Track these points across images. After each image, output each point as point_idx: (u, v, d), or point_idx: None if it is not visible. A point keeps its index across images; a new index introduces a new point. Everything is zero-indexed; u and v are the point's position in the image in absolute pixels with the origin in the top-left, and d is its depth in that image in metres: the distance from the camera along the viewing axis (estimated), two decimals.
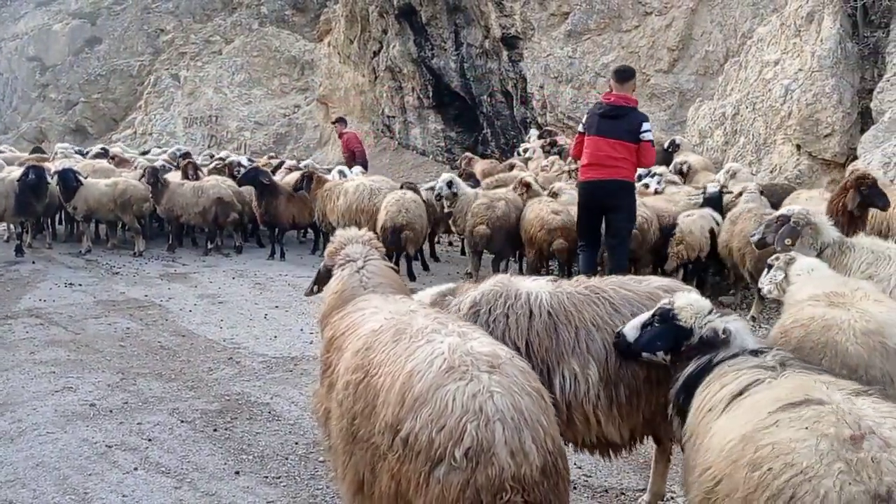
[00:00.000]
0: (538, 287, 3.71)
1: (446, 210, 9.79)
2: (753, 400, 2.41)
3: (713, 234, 8.21)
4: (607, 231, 7.54)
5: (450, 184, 9.58)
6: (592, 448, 3.60)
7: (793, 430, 2.06)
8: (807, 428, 2.04)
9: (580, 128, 7.83)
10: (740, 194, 8.36)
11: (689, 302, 3.08)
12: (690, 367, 2.90)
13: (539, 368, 3.48)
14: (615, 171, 7.31)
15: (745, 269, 7.41)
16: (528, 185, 9.71)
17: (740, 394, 2.52)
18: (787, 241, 5.12)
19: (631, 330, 3.20)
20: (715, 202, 8.68)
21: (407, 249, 9.80)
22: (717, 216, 8.40)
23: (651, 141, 7.42)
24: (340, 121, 16.56)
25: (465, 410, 2.37)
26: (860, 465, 1.93)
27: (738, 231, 7.48)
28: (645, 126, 7.36)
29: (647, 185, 9.86)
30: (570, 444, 3.72)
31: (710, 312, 3.06)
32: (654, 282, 3.73)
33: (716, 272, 9.11)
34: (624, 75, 7.62)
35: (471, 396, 2.41)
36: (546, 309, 3.51)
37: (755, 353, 2.82)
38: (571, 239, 8.24)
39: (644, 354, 3.17)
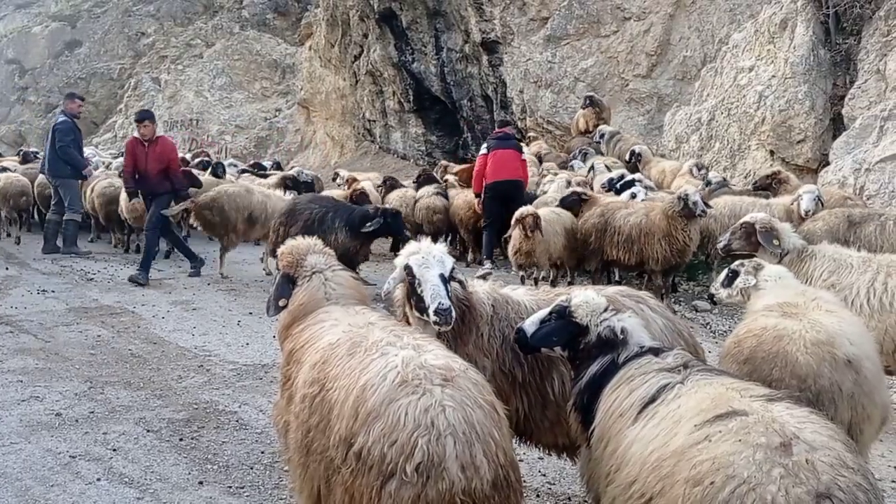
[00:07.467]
0: (524, 295, 3.90)
1: None
2: (672, 410, 2.44)
3: None
4: None
5: None
6: (567, 450, 3.76)
7: (728, 444, 2.10)
8: (740, 440, 2.09)
9: None
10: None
11: (585, 300, 3.08)
12: (594, 367, 2.91)
13: (538, 371, 3.68)
14: None
15: None
16: None
17: (653, 400, 2.55)
18: (776, 242, 5.11)
19: (530, 325, 3.21)
20: None
21: None
22: None
23: None
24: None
25: (416, 425, 2.39)
26: (797, 467, 2.01)
27: None
28: None
29: (634, 195, 9.26)
30: (540, 449, 3.88)
31: (605, 310, 3.05)
32: (610, 289, 3.86)
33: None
34: None
35: (423, 411, 2.42)
36: None
37: (656, 352, 2.85)
38: None
39: (542, 349, 3.19)
